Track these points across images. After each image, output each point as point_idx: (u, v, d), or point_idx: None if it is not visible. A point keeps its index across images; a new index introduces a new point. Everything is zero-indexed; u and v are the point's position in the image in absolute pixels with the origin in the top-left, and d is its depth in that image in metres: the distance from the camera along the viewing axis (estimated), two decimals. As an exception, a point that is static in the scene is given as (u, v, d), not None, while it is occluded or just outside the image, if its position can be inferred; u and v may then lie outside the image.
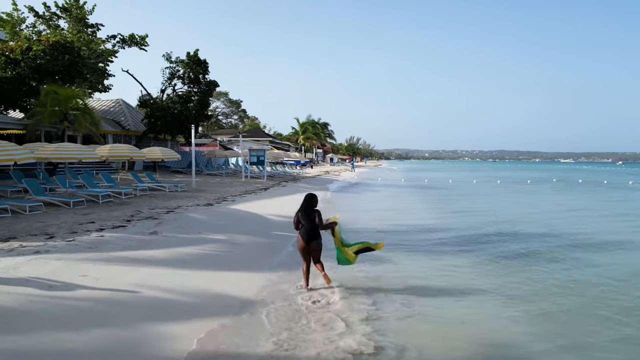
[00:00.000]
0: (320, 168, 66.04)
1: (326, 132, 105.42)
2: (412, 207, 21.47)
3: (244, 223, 13.71)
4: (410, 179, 51.71)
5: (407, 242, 12.38)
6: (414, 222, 16.26)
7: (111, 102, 40.17)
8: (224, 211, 15.46)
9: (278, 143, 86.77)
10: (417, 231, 14.27)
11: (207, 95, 36.40)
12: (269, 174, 37.43)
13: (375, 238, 12.57)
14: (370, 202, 23.41)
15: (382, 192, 30.38)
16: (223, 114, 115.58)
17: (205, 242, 10.59)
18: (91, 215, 13.01)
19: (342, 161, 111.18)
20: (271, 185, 27.64)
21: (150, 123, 33.28)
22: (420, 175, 66.06)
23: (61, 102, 21.50)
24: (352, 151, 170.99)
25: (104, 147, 17.61)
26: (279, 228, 13.26)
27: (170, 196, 18.85)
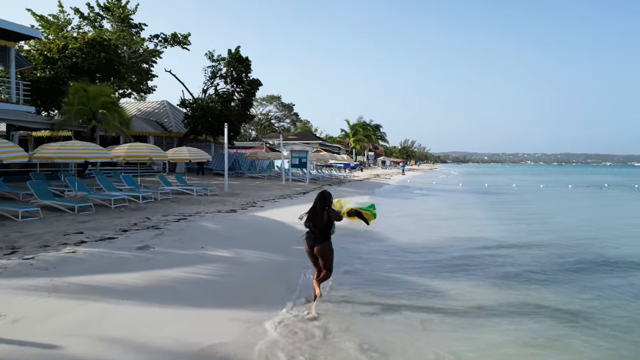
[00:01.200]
0: (370, 171, 63.18)
1: (378, 134, 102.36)
2: (471, 216, 18.37)
3: (262, 234, 11.44)
4: (468, 182, 47.69)
5: (462, 262, 9.57)
6: (474, 234, 13.30)
7: (156, 104, 39.69)
8: (245, 219, 13.29)
9: (328, 146, 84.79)
10: (477, 247, 11.37)
11: (249, 95, 34.82)
12: (313, 177, 35.26)
13: (421, 258, 9.91)
14: (420, 209, 20.48)
15: (435, 198, 27.21)
16: (276, 118, 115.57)
17: (203, 260, 8.38)
18: (89, 223, 11.24)
19: (395, 164, 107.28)
20: (312, 189, 25.32)
21: (190, 124, 32.09)
22: (479, 179, 61.40)
23: (90, 100, 20.39)
24: (406, 154, 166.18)
25: (121, 147, 16.12)
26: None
27: (194, 201, 17.01)
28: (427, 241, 12.08)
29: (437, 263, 9.67)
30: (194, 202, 16.72)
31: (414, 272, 8.79)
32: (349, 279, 8.14)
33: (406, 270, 8.93)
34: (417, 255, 10.46)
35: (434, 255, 10.42)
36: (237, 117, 33.41)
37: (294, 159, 29.46)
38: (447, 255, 10.42)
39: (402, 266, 9.32)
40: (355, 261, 9.56)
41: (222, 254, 9.01)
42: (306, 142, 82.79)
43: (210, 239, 10.17)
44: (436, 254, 10.59)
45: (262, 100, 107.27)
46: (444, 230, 14.29)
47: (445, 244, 11.73)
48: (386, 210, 18.89)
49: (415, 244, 11.71)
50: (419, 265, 9.48)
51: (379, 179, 44.23)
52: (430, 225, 15.47)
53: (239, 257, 8.96)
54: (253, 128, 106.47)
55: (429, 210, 20.32)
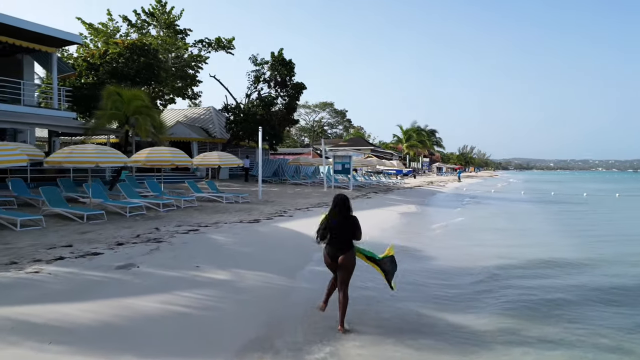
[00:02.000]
0: (423, 178, 60.23)
1: (433, 140, 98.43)
2: (535, 230, 15.78)
3: (277, 250, 9.81)
4: (532, 190, 43.76)
5: (532, 290, 7.40)
6: (540, 254, 10.92)
7: (202, 110, 39.53)
8: (265, 231, 11.74)
9: (380, 152, 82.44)
10: (549, 267, 9.08)
11: (293, 99, 33.62)
12: (358, 184, 33.38)
13: (449, 283, 7.83)
14: (472, 220, 18.05)
15: (491, 207, 24.45)
16: (328, 125, 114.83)
17: (190, 284, 6.87)
18: (89, 234, 10.13)
19: (453, 171, 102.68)
20: (354, 197, 23.48)
21: (232, 129, 31.32)
22: (544, 187, 56.63)
23: (124, 104, 19.86)
24: (464, 160, 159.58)
25: (141, 152, 15.19)
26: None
27: (221, 209, 15.75)
28: (465, 260, 9.93)
29: (472, 291, 7.57)
30: (219, 210, 15.46)
31: (435, 304, 6.81)
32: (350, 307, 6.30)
33: (427, 301, 6.96)
34: (445, 278, 8.39)
35: (469, 279, 8.30)
36: (280, 121, 32.28)
37: (337, 164, 27.77)
38: (488, 282, 8.26)
39: (423, 294, 7.34)
40: (366, 280, 7.67)
41: (217, 276, 7.47)
42: (357, 148, 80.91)
43: (212, 255, 8.69)
44: (472, 276, 8.45)
45: (314, 106, 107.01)
46: (495, 246, 11.99)
47: (490, 265, 9.53)
48: (429, 221, 16.67)
49: (450, 264, 9.60)
50: (445, 292, 7.44)
51: (431, 187, 41.53)
52: (479, 240, 13.16)
53: (236, 280, 7.37)
54: (306, 135, 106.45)
55: (482, 221, 17.85)
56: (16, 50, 23.05)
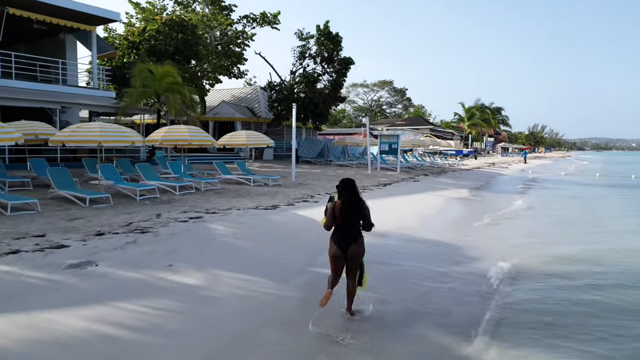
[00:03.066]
0: (486, 159, 56.17)
1: (499, 118, 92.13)
2: (615, 223, 13.09)
3: (279, 245, 8.24)
4: (609, 173, 39.07)
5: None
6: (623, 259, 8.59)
7: (249, 89, 38.62)
8: (278, 220, 10.25)
9: (440, 131, 78.47)
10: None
11: (340, 75, 31.65)
12: (409, 166, 31.06)
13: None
14: (537, 211, 15.48)
15: (561, 193, 21.38)
16: (387, 104, 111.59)
17: (145, 292, 5.52)
18: (78, 220, 9.13)
19: (519, 152, 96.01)
20: (399, 180, 21.44)
21: (274, 108, 30.02)
22: (624, 169, 50.78)
23: (155, 82, 19.07)
24: (533, 140, 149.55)
25: (159, 131, 14.16)
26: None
27: (244, 192, 14.48)
28: (519, 265, 7.83)
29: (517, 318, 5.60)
30: (241, 194, 14.18)
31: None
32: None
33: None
34: (483, 296, 6.41)
35: (517, 295, 6.28)
36: (325, 99, 30.51)
37: (383, 144, 25.72)
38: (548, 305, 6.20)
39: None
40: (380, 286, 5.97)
41: (187, 279, 6.07)
42: (415, 127, 77.66)
43: (197, 250, 7.33)
44: (522, 291, 6.42)
45: (373, 85, 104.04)
46: (560, 244, 9.69)
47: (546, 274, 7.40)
48: (481, 209, 14.34)
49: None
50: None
51: (492, 168, 38.15)
52: (540, 236, 10.83)
53: (208, 287, 5.92)
54: (364, 114, 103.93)
55: (545, 210, 15.25)
56: (58, 29, 22.96)
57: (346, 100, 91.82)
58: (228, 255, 7.28)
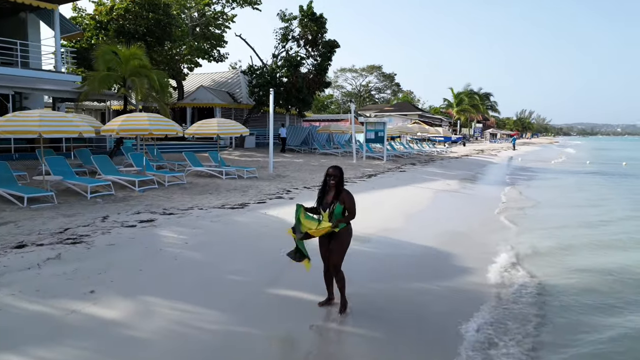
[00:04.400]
0: (474, 146, 55.29)
1: (487, 104, 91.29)
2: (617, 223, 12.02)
3: (237, 257, 6.93)
4: (599, 159, 38.34)
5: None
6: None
7: (230, 73, 36.95)
8: (242, 222, 8.96)
9: (428, 117, 77.38)
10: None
11: (325, 59, 30.12)
12: (397, 154, 29.88)
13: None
14: (535, 206, 14.39)
15: (554, 184, 20.37)
16: (376, 89, 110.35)
17: (37, 338, 4.22)
18: (6, 226, 7.76)
19: (507, 138, 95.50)
20: (385, 170, 20.24)
21: (255, 93, 28.48)
22: (612, 155, 50.26)
23: (121, 65, 17.48)
24: (521, 126, 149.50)
25: (116, 119, 12.71)
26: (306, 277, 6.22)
27: (212, 187, 13.15)
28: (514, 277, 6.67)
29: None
30: (210, 188, 12.84)
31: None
32: None
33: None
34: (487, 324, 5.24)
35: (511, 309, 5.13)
36: (309, 84, 29.03)
37: (369, 132, 24.45)
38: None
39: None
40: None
41: (109, 312, 4.77)
42: (404, 113, 76.51)
43: (137, 267, 6.04)
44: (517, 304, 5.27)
45: (361, 70, 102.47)
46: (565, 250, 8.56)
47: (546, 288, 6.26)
48: (471, 203, 13.14)
49: (488, 290, 6.39)
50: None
51: (481, 156, 37.18)
52: (542, 234, 9.69)
53: (136, 323, 4.63)
54: (352, 100, 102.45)
55: (542, 205, 14.16)
56: (18, 7, 21.11)
57: (332, 85, 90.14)
58: (172, 274, 5.99)
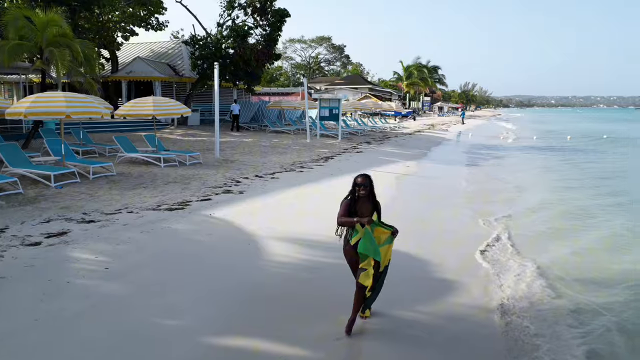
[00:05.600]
0: (424, 120, 55.30)
1: (435, 77, 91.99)
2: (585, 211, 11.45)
3: (175, 285, 5.39)
4: (543, 134, 39.14)
5: None
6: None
7: (170, 43, 33.88)
8: (181, 231, 7.40)
9: (379, 91, 76.88)
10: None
11: (275, 29, 28.04)
12: (351, 131, 28.73)
13: None
14: (501, 191, 13.69)
15: (513, 161, 20.01)
16: (325, 61, 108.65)
17: None
18: None
19: (454, 110, 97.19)
20: (341, 151, 19.02)
21: (197, 66, 26.10)
22: (554, 128, 51.94)
23: (37, 33, 14.86)
24: (465, 98, 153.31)
25: (24, 100, 10.59)
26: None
27: (148, 178, 11.36)
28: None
29: None
30: (145, 181, 11.06)
31: None
32: None
33: None
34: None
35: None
36: (257, 56, 26.96)
37: (323, 109, 23.04)
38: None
39: None
40: None
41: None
42: (354, 87, 75.54)
43: (28, 318, 4.43)
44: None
45: (310, 41, 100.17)
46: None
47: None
48: (437, 187, 12.14)
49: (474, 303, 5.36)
50: None
51: (433, 131, 36.87)
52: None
53: None
54: (302, 72, 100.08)
55: (511, 188, 13.49)
56: None
57: (282, 57, 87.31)
58: (80, 325, 4.44)
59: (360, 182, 4.18)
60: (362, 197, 4.20)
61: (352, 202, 4.22)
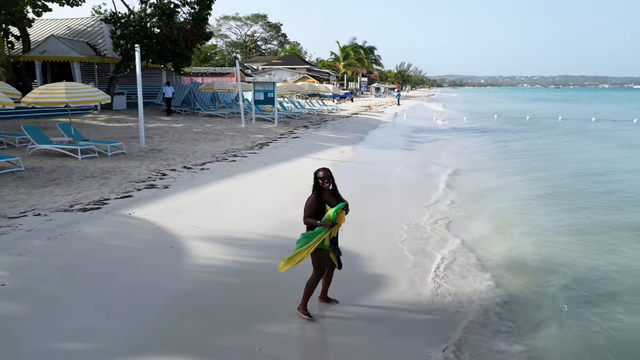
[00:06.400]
0: (362, 101, 55.79)
1: (372, 58, 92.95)
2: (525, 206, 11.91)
3: (82, 305, 4.88)
4: (474, 115, 40.73)
5: None
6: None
7: (89, 20, 31.31)
8: (94, 235, 6.76)
9: (316, 71, 76.45)
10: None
11: (204, 7, 26.69)
12: (288, 114, 28.29)
13: None
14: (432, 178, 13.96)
15: (445, 144, 20.58)
16: (262, 40, 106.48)
17: None
18: None
19: (390, 91, 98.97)
20: (277, 137, 18.61)
21: (119, 46, 24.35)
22: (483, 108, 54.34)
23: None
24: (401, 78, 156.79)
25: None
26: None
27: (63, 173, 10.40)
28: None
29: None
30: (59, 176, 10.10)
31: None
32: None
33: None
34: None
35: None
36: (186, 36, 25.61)
37: (258, 93, 22.35)
38: None
39: None
40: None
41: None
42: (292, 67, 74.61)
43: None
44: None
45: (246, 19, 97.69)
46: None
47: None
48: (373, 174, 12.18)
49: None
50: None
51: (370, 113, 37.23)
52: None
53: None
54: (237, 51, 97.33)
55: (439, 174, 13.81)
56: None
57: (215, 34, 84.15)
58: (-37, 359, 3.86)
59: (323, 176, 4.36)
60: (326, 190, 4.39)
61: (318, 197, 4.37)
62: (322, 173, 4.39)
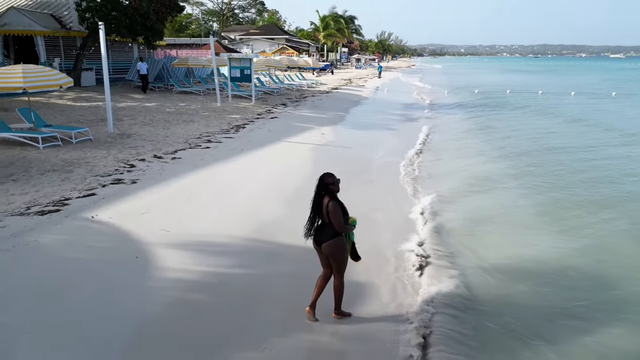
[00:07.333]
0: (342, 74, 54.71)
1: (352, 28, 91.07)
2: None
3: (33, 336, 4.45)
4: (455, 89, 40.29)
5: None
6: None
7: (52, -10, 29.35)
8: (50, 246, 6.18)
9: (296, 42, 74.64)
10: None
11: (175, -25, 25.22)
12: (266, 90, 27.40)
13: None
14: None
15: (426, 122, 20.16)
16: (239, 8, 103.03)
17: None
18: None
19: (371, 62, 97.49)
20: (255, 117, 17.91)
21: (85, 19, 22.90)
22: (463, 80, 53.92)
23: None
24: (382, 48, 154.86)
25: None
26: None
27: (23, 165, 9.65)
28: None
29: None
30: (16, 170, 9.34)
31: None
32: None
33: None
34: None
35: None
36: (156, 9, 24.24)
37: (234, 70, 21.39)
38: None
39: None
40: None
41: None
42: (270, 37, 72.64)
43: None
44: None
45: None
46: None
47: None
48: (356, 161, 11.70)
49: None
50: None
51: (350, 87, 36.46)
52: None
53: None
54: (214, 19, 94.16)
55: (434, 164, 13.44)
56: None
57: (190, 2, 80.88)
58: None
59: (333, 181, 4.48)
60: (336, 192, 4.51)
61: (339, 201, 4.50)
62: (331, 179, 4.51)
